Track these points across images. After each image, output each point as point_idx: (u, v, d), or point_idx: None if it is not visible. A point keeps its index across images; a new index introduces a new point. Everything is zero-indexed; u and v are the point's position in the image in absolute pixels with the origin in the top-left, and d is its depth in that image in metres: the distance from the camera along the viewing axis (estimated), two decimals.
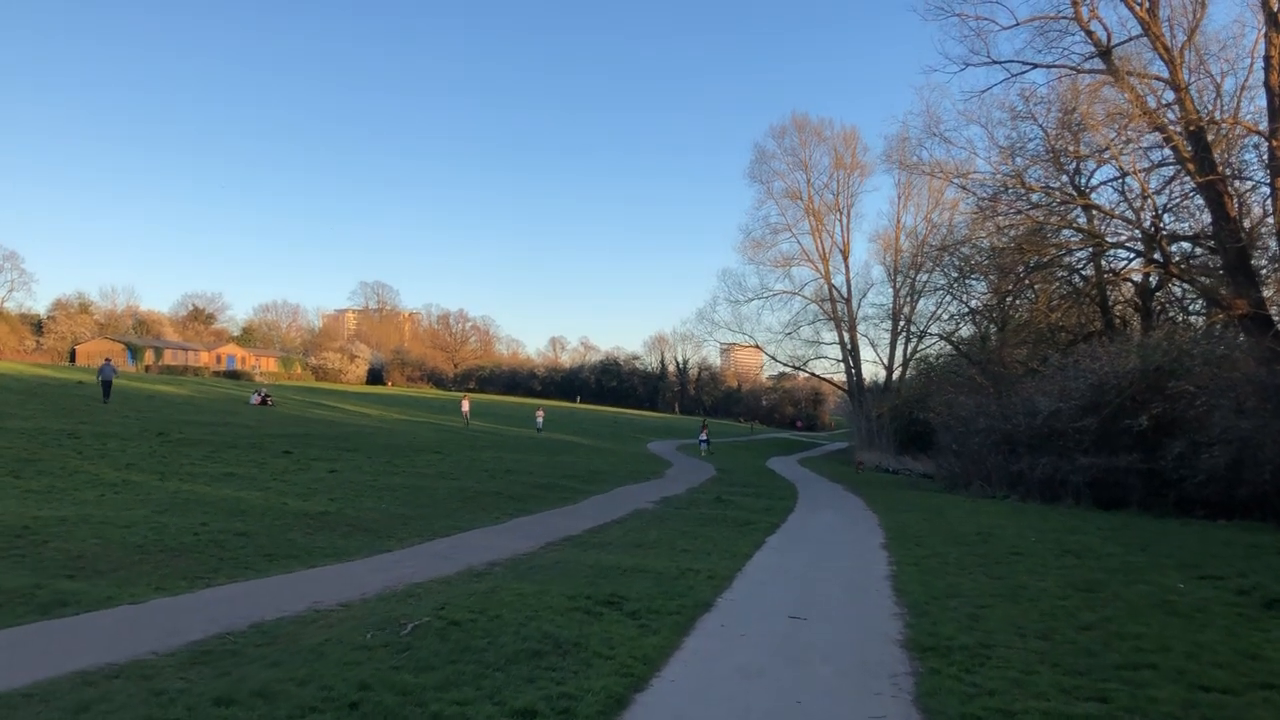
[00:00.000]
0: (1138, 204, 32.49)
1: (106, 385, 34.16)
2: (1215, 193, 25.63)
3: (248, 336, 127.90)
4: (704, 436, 50.94)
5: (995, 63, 28.75)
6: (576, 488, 21.69)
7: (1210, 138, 26.06)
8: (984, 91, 29.73)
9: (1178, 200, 30.69)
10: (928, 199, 62.50)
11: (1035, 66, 28.44)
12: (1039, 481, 25.80)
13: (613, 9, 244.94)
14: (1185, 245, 30.66)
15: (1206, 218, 30.68)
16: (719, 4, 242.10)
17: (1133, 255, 32.31)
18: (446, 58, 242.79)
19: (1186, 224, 31.19)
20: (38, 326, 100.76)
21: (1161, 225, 27.34)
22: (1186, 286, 34.97)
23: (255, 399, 45.78)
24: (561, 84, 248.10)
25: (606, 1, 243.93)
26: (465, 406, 51.42)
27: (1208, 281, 27.21)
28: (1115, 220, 30.75)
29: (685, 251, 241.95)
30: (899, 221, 64.52)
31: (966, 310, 46.40)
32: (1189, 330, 31.23)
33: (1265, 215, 29.73)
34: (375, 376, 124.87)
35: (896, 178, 64.58)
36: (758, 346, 71.73)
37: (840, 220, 66.21)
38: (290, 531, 12.37)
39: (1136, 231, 31.01)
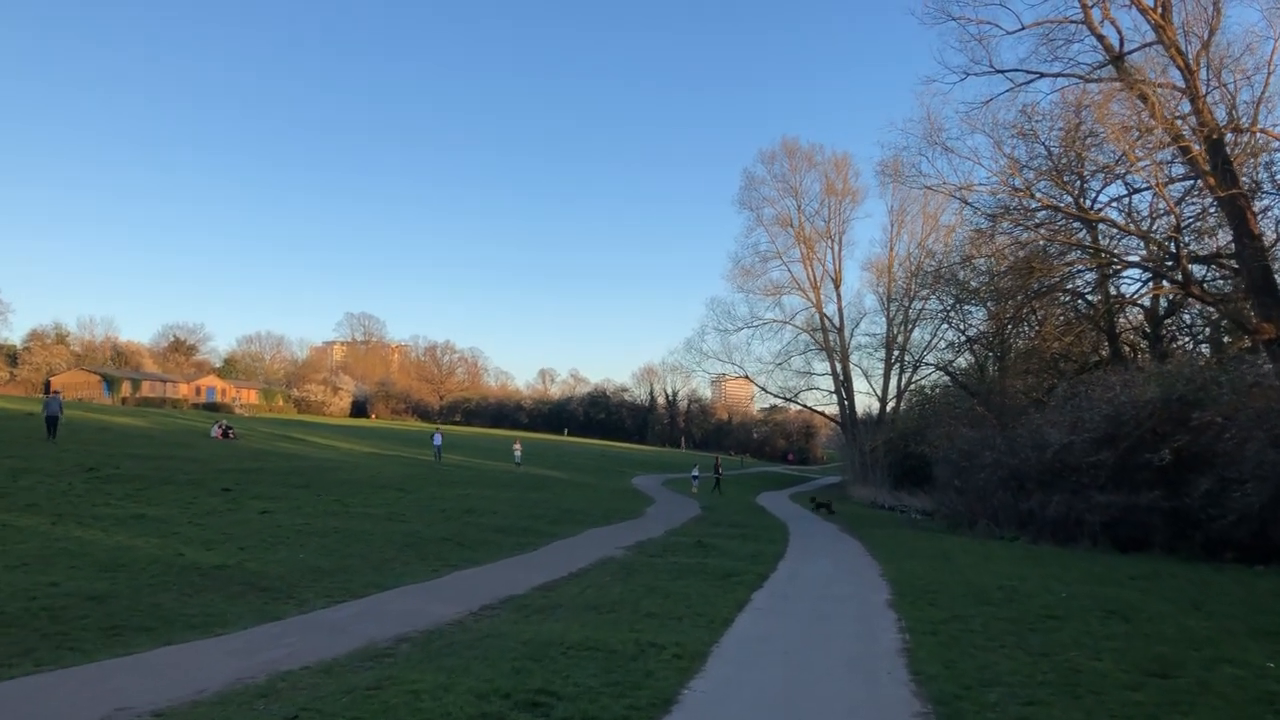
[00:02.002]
0: (1146, 224, 30.71)
1: (52, 421, 31.28)
2: (1237, 208, 23.76)
3: (229, 368, 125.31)
4: (696, 472, 48.49)
5: (998, 72, 27.02)
6: (541, 530, 19.35)
7: (1231, 150, 24.30)
8: (986, 103, 27.48)
9: (1189, 221, 28.90)
10: (922, 225, 60.98)
11: (1041, 76, 26.67)
12: (1052, 521, 23.61)
13: (600, 36, 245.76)
14: (1195, 268, 28.82)
15: (1218, 240, 28.95)
16: (708, 29, 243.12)
17: (1146, 277, 30.43)
18: (436, 90, 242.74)
19: (1196, 245, 29.40)
20: (12, 358, 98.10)
21: (1182, 241, 25.37)
22: (1197, 313, 33.22)
23: (216, 431, 43.36)
24: (551, 113, 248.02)
25: (594, 31, 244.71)
26: (437, 440, 48.12)
27: (1231, 304, 25.22)
28: (1129, 238, 28.85)
29: (679, 280, 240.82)
30: (892, 248, 62.87)
31: (964, 339, 44.52)
32: (1204, 358, 29.31)
33: None
34: (359, 409, 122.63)
35: (890, 204, 63.10)
36: (747, 377, 69.68)
37: (832, 247, 64.56)
38: (164, 592, 10.06)
39: (1146, 250, 29.16)
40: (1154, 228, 28.96)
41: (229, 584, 10.87)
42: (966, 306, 39.90)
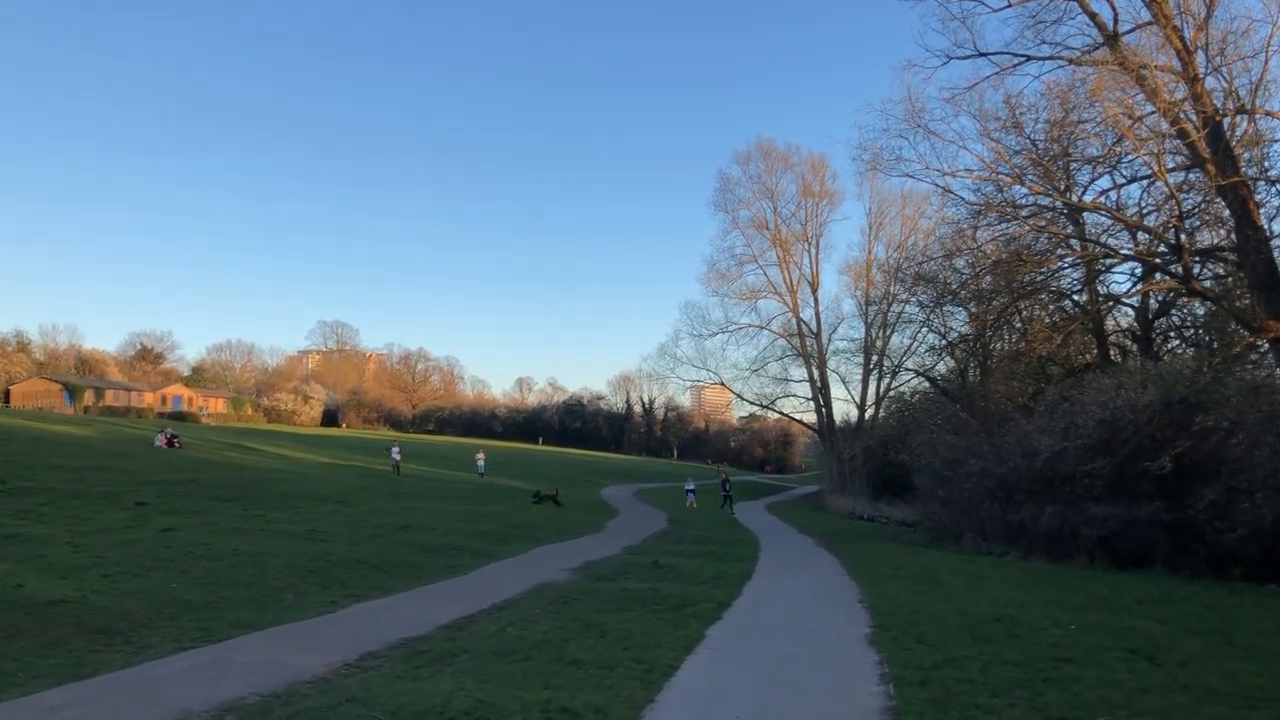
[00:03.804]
0: (1134, 217, 29.11)
1: None
2: (1239, 198, 22.16)
3: (197, 377, 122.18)
4: (691, 485, 45.91)
5: (982, 55, 25.28)
6: (481, 550, 17.26)
7: (1231, 137, 22.73)
8: (970, 87, 25.78)
9: (1190, 211, 27.28)
10: (901, 228, 59.52)
11: (1028, 59, 24.96)
12: (1044, 535, 21.76)
13: (576, 43, 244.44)
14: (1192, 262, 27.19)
15: (1216, 234, 27.41)
16: (683, 30, 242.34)
17: (1136, 277, 28.85)
18: (409, 97, 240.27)
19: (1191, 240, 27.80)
20: None
21: (1184, 230, 23.70)
22: (1186, 313, 31.72)
23: (161, 440, 41.12)
24: (528, 119, 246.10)
25: (569, 38, 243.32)
26: (395, 454, 44.49)
27: (1232, 301, 23.61)
28: (1119, 234, 27.19)
29: (662, 285, 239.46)
30: (870, 251, 61.23)
31: (945, 343, 42.86)
32: (1197, 358, 27.73)
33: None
34: (331, 418, 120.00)
35: (867, 206, 61.77)
36: (723, 384, 67.74)
37: (809, 251, 62.90)
38: None
39: (1135, 244, 27.49)
40: (1147, 221, 27.31)
41: (57, 625, 8.80)
42: (947, 308, 38.24)
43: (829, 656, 9.32)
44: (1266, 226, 24.61)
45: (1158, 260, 24.86)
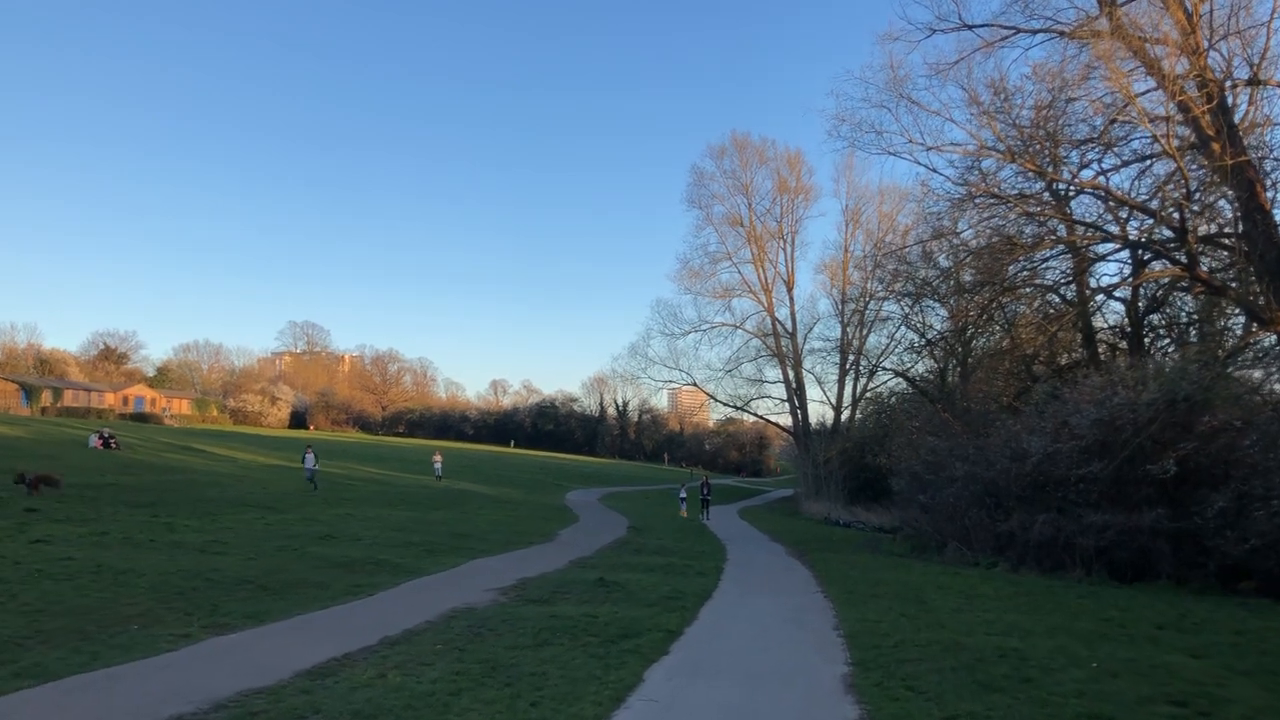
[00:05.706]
0: (1125, 209, 27.40)
1: None
2: (1245, 179, 20.46)
3: (162, 377, 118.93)
4: (684, 493, 43.61)
5: (968, 27, 23.51)
6: (403, 565, 15.06)
7: (1234, 112, 21.11)
8: (957, 61, 23.98)
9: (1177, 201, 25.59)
10: (879, 225, 57.78)
11: (1017, 31, 23.19)
12: (1035, 545, 19.89)
13: (550, 42, 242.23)
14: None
15: (1207, 227, 25.80)
16: (662, 23, 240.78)
17: (1129, 270, 27.10)
18: (383, 97, 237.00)
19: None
20: None
21: (1188, 209, 21.92)
22: (1178, 309, 30.14)
23: (95, 441, 38.74)
24: (500, 122, 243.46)
25: (544, 37, 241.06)
26: (310, 461, 32.45)
27: (1238, 290, 21.90)
28: (1116, 224, 25.41)
29: (643, 286, 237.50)
30: (847, 249, 59.47)
31: (923, 341, 41.18)
32: (1215, 349, 26.03)
33: None
34: (299, 420, 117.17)
35: (844, 202, 59.94)
36: (695, 385, 65.72)
37: (784, 248, 61.10)
38: None
39: (1120, 231, 25.74)
40: (1127, 216, 25.59)
41: None
42: (926, 303, 36.55)
43: (797, 711, 7.29)
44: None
45: (1157, 246, 23.14)
